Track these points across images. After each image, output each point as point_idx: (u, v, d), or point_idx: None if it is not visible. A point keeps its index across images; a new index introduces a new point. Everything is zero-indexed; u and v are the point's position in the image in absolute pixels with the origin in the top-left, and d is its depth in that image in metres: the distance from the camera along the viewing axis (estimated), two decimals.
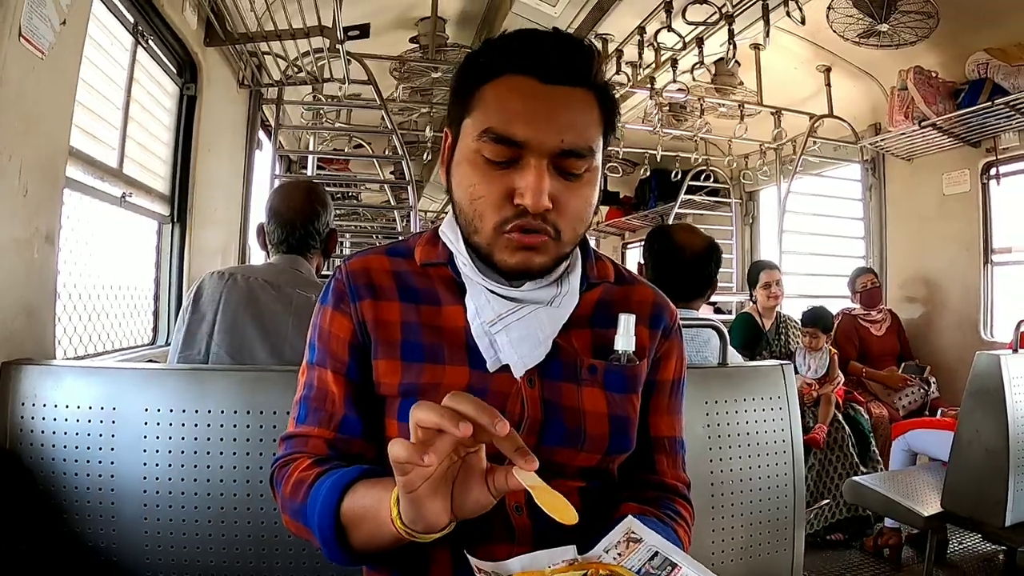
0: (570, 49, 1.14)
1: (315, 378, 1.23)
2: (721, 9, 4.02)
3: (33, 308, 1.98)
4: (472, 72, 1.17)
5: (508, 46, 1.15)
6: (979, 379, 3.08)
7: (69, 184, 2.30)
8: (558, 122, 1.11)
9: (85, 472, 1.73)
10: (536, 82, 1.11)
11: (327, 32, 3.61)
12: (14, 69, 1.82)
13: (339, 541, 1.03)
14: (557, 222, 1.13)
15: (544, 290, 1.21)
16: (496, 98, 1.13)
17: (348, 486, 1.03)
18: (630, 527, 1.10)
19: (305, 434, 1.20)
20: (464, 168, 1.16)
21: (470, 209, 1.15)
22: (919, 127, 5.07)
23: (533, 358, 1.18)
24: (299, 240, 2.44)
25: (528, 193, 1.08)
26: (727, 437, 2.00)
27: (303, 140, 6.89)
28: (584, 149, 1.12)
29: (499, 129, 1.10)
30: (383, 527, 0.96)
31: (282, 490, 1.14)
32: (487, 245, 1.16)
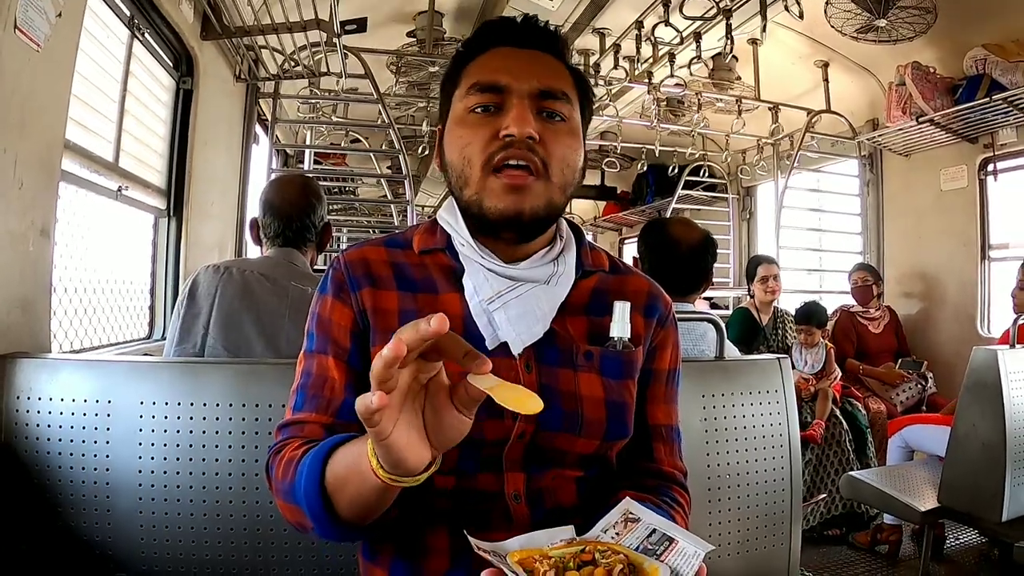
0: (539, 26, 1.30)
1: (314, 365, 1.22)
2: (719, 4, 4.02)
3: (29, 302, 1.98)
4: (458, 61, 1.30)
5: (486, 28, 1.32)
6: (976, 374, 3.09)
7: (65, 177, 2.29)
8: (535, 69, 1.23)
9: (80, 465, 1.73)
10: (512, 48, 1.26)
11: (324, 26, 3.60)
12: (9, 62, 1.81)
13: (327, 511, 1.01)
14: (544, 157, 1.18)
15: (541, 268, 1.24)
16: (479, 64, 1.26)
17: (329, 453, 1.02)
18: (628, 508, 1.12)
19: (302, 420, 1.19)
20: (454, 130, 1.24)
21: (460, 159, 1.21)
22: (917, 123, 5.08)
23: (531, 335, 1.19)
24: (295, 233, 2.45)
25: (513, 123, 1.16)
26: (724, 431, 2.00)
27: (300, 134, 6.88)
28: (560, 92, 1.23)
29: (483, 80, 1.22)
30: (367, 481, 0.93)
31: (274, 474, 1.14)
32: (476, 194, 1.20)
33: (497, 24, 1.31)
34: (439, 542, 1.17)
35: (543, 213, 1.20)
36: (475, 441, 1.06)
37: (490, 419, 1.13)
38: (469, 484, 1.17)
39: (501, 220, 1.19)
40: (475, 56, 1.28)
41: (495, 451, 1.16)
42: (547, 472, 1.20)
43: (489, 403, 0.97)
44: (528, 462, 1.18)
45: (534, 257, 1.26)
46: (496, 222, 1.19)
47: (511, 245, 1.25)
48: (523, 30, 1.28)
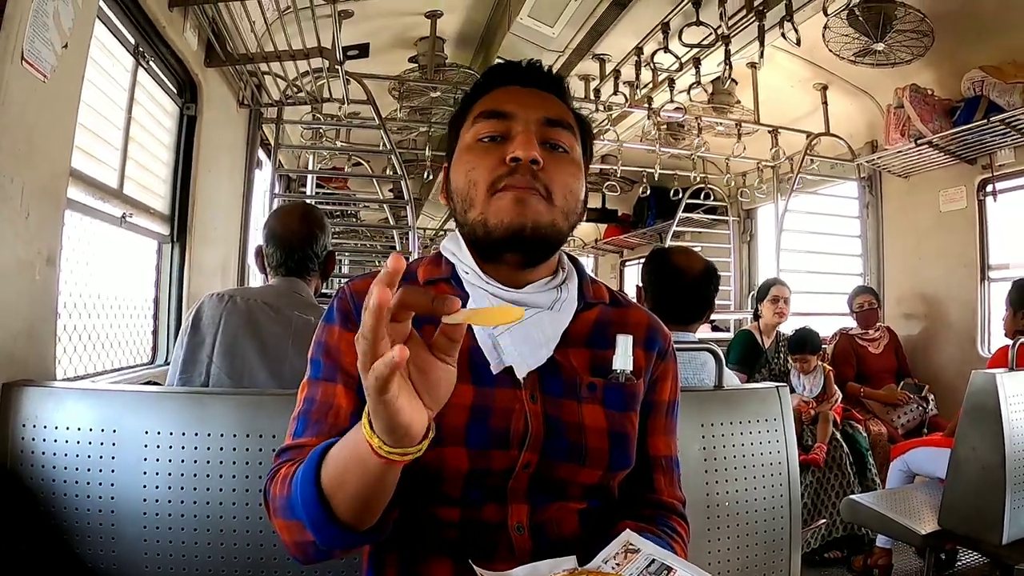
0: (544, 70, 1.36)
1: (319, 392, 1.21)
2: (717, 31, 4.05)
3: (34, 330, 1.99)
4: (465, 101, 1.35)
5: (492, 72, 1.37)
6: (975, 397, 3.09)
7: (70, 205, 2.30)
8: (539, 102, 1.28)
9: (86, 494, 1.73)
10: (519, 88, 1.31)
11: (326, 53, 3.64)
12: (17, 92, 1.83)
13: (326, 513, 0.99)
14: (547, 183, 1.21)
15: (545, 294, 1.26)
16: (487, 98, 1.30)
17: (322, 456, 1.01)
18: (628, 539, 1.14)
19: (303, 445, 1.18)
20: (461, 157, 1.27)
21: (466, 183, 1.24)
22: (915, 145, 5.10)
23: (535, 360, 1.21)
24: (297, 263, 2.46)
25: (518, 147, 1.19)
26: (723, 459, 2.00)
27: (302, 159, 6.89)
28: (564, 122, 1.28)
29: (490, 108, 1.27)
30: (367, 466, 0.93)
31: (271, 494, 1.13)
32: (481, 214, 1.22)
33: (503, 66, 1.36)
34: (443, 573, 1.17)
35: (546, 231, 1.22)
36: (481, 471, 1.08)
37: (496, 449, 1.15)
38: (474, 515, 1.18)
39: (506, 235, 1.20)
40: (481, 95, 1.32)
41: (500, 482, 1.17)
42: (551, 504, 1.21)
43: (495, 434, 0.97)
44: (532, 493, 1.19)
45: (537, 283, 1.28)
46: (501, 239, 1.20)
47: (515, 270, 1.26)
48: (527, 72, 1.33)
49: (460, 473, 1.13)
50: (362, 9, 4.49)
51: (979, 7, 4.29)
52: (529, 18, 4.56)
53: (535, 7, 4.42)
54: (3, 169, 1.78)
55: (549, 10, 4.49)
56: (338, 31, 3.57)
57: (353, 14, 4.39)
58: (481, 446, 1.14)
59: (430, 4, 4.77)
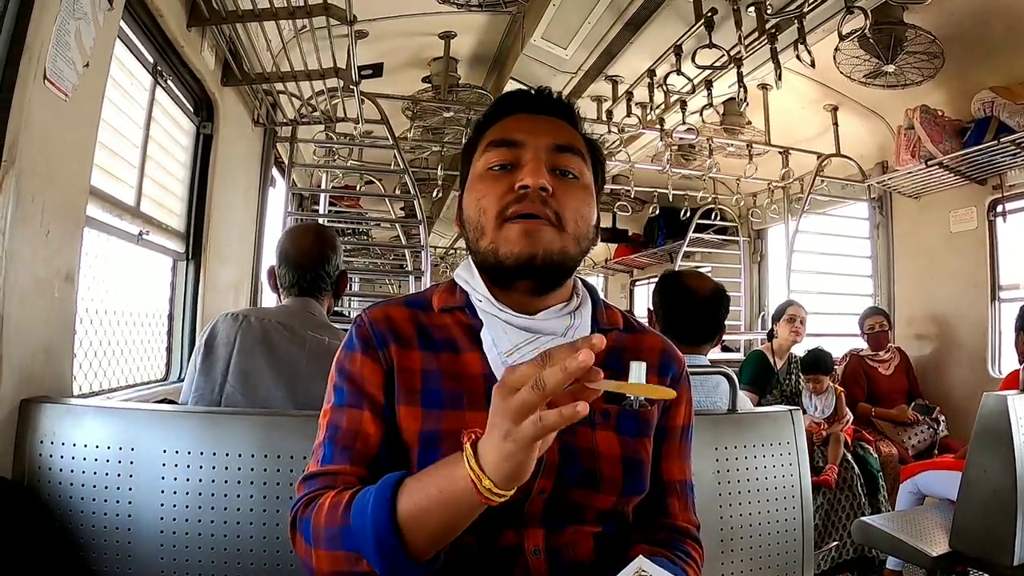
0: (554, 97, 1.38)
1: (343, 419, 1.22)
2: (730, 52, 4.07)
3: (52, 347, 2.00)
4: (478, 128, 1.37)
5: (503, 100, 1.39)
6: (986, 420, 3.08)
7: (88, 223, 2.31)
8: (549, 129, 1.30)
9: (102, 511, 1.75)
10: (528, 114, 1.34)
11: (342, 74, 3.66)
12: (39, 112, 1.85)
13: (401, 545, 1.00)
14: (557, 209, 1.22)
15: (558, 320, 1.27)
16: (497, 127, 1.33)
17: (398, 484, 1.03)
18: (640, 566, 1.13)
19: (334, 472, 1.18)
20: (473, 186, 1.29)
21: (476, 211, 1.26)
22: (926, 166, 5.10)
23: None
24: (310, 283, 2.48)
25: (527, 174, 1.21)
26: (736, 482, 2.02)
27: (315, 177, 6.94)
28: (574, 148, 1.28)
29: (499, 137, 1.29)
30: (462, 501, 0.96)
31: (313, 523, 1.11)
32: (492, 242, 1.23)
33: (513, 94, 1.38)
34: None
35: (557, 258, 1.23)
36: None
37: None
38: (491, 540, 1.19)
39: (516, 265, 1.21)
40: (492, 124, 1.34)
41: (516, 507, 1.18)
42: (566, 528, 1.22)
43: None
44: (548, 517, 1.20)
45: (550, 310, 1.29)
46: (512, 268, 1.22)
47: (528, 297, 1.28)
48: (538, 99, 1.35)
49: None
50: (377, 29, 4.52)
51: (989, 29, 4.30)
52: (542, 40, 4.59)
53: (548, 29, 4.45)
54: (25, 188, 1.80)
55: (562, 32, 4.51)
56: (353, 52, 3.60)
57: (368, 34, 4.43)
58: None
59: (444, 25, 4.80)
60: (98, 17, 2.10)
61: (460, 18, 4.58)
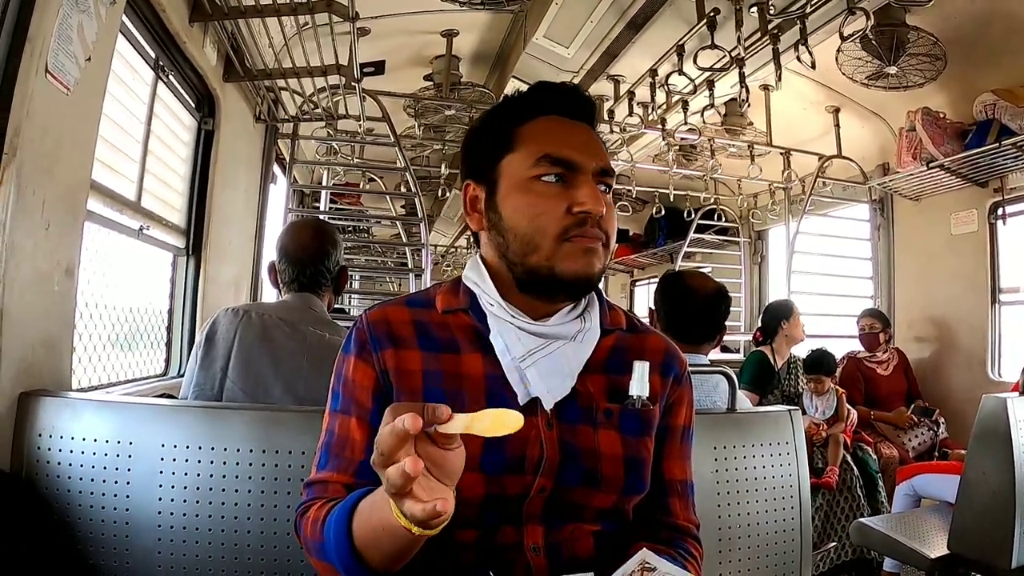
0: (583, 97, 1.36)
1: (336, 425, 1.25)
2: (731, 53, 4.06)
3: (52, 340, 2.01)
4: (505, 119, 1.32)
5: (536, 94, 1.34)
6: (985, 422, 3.07)
7: (89, 217, 2.32)
8: (593, 148, 1.30)
9: (100, 505, 1.76)
10: (566, 119, 1.31)
11: (344, 70, 3.66)
12: (40, 105, 1.85)
13: (362, 567, 1.05)
14: (607, 229, 1.25)
15: (568, 325, 1.28)
16: (543, 131, 1.29)
17: (351, 513, 1.06)
18: (644, 559, 1.14)
19: (325, 480, 1.23)
20: (518, 196, 1.26)
21: (530, 228, 1.23)
22: (927, 168, 5.09)
23: (561, 391, 1.23)
24: (310, 278, 2.47)
25: (589, 201, 1.21)
26: (736, 482, 2.02)
27: (316, 174, 6.94)
28: (610, 169, 1.31)
29: (556, 153, 1.25)
30: (399, 536, 0.97)
31: (304, 534, 1.18)
32: (548, 259, 1.22)
33: (553, 91, 1.34)
34: None
35: (599, 277, 1.27)
36: (497, 496, 1.10)
37: (511, 475, 1.17)
38: (490, 537, 1.20)
39: (573, 282, 1.23)
40: (526, 119, 1.31)
41: (516, 505, 1.19)
42: (566, 525, 1.23)
43: (509, 461, 0.99)
44: (547, 515, 1.21)
45: (560, 313, 1.30)
46: (567, 284, 1.23)
47: (540, 302, 1.28)
48: (575, 101, 1.33)
49: (476, 498, 1.15)
50: (379, 27, 4.52)
51: (991, 31, 4.30)
52: (545, 39, 4.58)
53: (551, 28, 4.45)
54: (26, 181, 1.80)
55: (565, 31, 4.51)
56: (356, 49, 3.60)
57: (370, 31, 4.43)
58: (496, 472, 1.16)
59: (446, 23, 4.80)
60: (100, 11, 2.10)
61: (462, 16, 4.57)
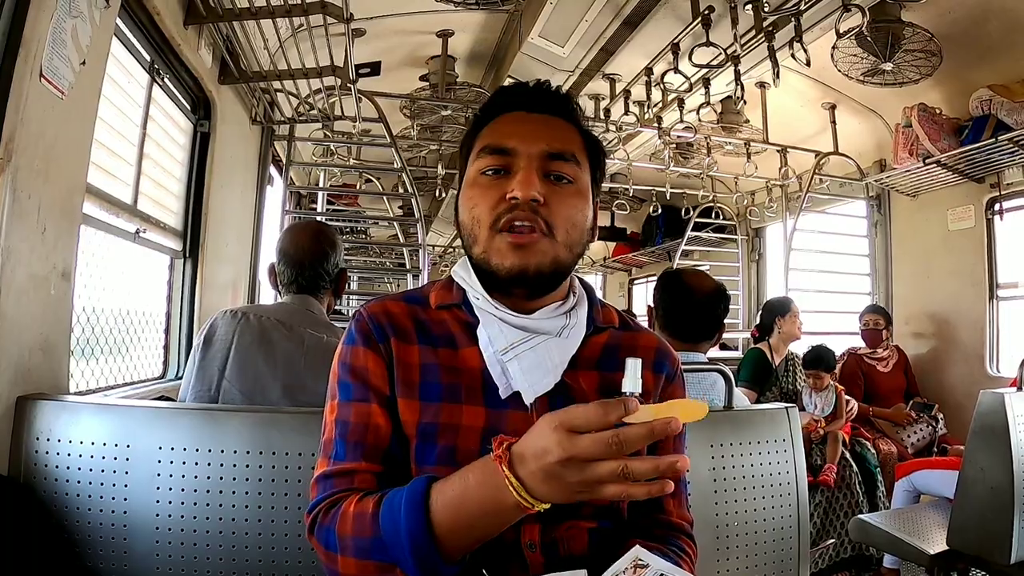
0: (552, 91, 1.35)
1: (352, 413, 1.23)
2: (727, 50, 4.06)
3: (49, 344, 2.00)
4: (474, 126, 1.35)
5: (500, 94, 1.38)
6: (983, 418, 3.08)
7: (85, 220, 2.32)
8: (543, 133, 1.28)
9: (99, 508, 1.75)
10: (524, 112, 1.31)
11: (339, 71, 3.66)
12: (35, 109, 1.85)
13: (440, 555, 1.04)
14: (548, 218, 1.22)
15: (553, 320, 1.28)
16: (491, 128, 1.32)
17: (426, 493, 1.06)
18: (637, 555, 1.14)
19: (350, 470, 1.20)
20: (466, 191, 1.29)
21: (469, 219, 1.26)
22: (924, 164, 5.09)
23: (543, 386, 1.22)
24: (309, 280, 2.48)
25: (517, 185, 1.20)
26: (733, 479, 2.02)
27: (313, 175, 6.94)
28: (568, 154, 1.27)
29: (494, 143, 1.27)
30: (510, 513, 1.02)
31: (338, 531, 1.12)
32: (484, 252, 1.24)
33: (510, 90, 1.36)
34: None
35: (548, 270, 1.24)
36: None
37: None
38: None
39: (508, 277, 1.22)
40: (489, 121, 1.33)
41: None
42: (562, 522, 1.23)
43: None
44: (543, 513, 1.20)
45: (546, 309, 1.30)
46: (504, 279, 1.23)
47: (519, 298, 1.29)
48: (534, 95, 1.33)
49: None
50: (374, 28, 4.53)
51: (987, 27, 4.30)
52: (540, 38, 4.58)
53: (546, 27, 4.45)
54: (21, 185, 1.80)
55: (560, 30, 4.51)
56: (351, 50, 3.60)
57: (365, 32, 4.43)
58: None
59: (442, 23, 4.80)
60: (94, 15, 2.10)
61: (458, 16, 4.58)
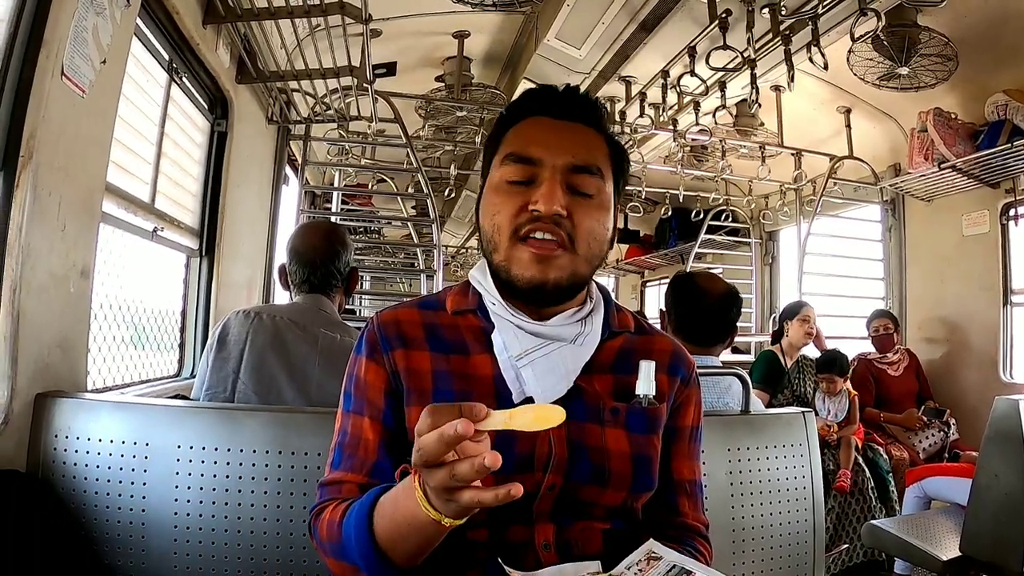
0: (579, 96, 1.32)
1: (349, 425, 1.27)
2: (743, 54, 4.06)
3: (67, 341, 2.02)
4: (499, 125, 1.32)
5: (527, 97, 1.34)
6: (998, 424, 3.05)
7: (104, 219, 2.32)
8: (569, 143, 1.25)
9: (116, 506, 1.77)
10: (550, 119, 1.29)
11: (356, 72, 3.67)
12: (56, 108, 1.86)
13: (386, 565, 1.06)
14: (570, 231, 1.21)
15: (569, 327, 1.28)
16: (517, 133, 1.30)
17: (371, 509, 1.07)
18: (651, 548, 1.16)
19: (339, 480, 1.24)
20: (489, 196, 1.27)
21: (490, 226, 1.25)
22: (939, 169, 5.08)
23: (556, 392, 1.23)
24: (320, 279, 2.49)
25: (541, 198, 1.19)
26: (749, 483, 2.02)
27: (328, 175, 6.96)
28: (592, 167, 1.25)
29: (517, 151, 1.25)
30: (429, 530, 0.99)
31: (320, 535, 1.19)
32: (504, 261, 1.23)
33: (537, 93, 1.33)
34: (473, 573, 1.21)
35: (566, 283, 1.24)
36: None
37: (520, 474, 1.17)
38: (501, 535, 1.21)
39: (527, 288, 1.22)
40: (515, 122, 1.31)
41: (526, 503, 1.19)
42: (576, 523, 1.24)
43: (518, 459, 1.00)
44: (557, 513, 1.22)
45: (562, 315, 1.30)
46: (522, 290, 1.23)
47: (539, 306, 1.29)
48: (562, 101, 1.30)
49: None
50: (391, 28, 4.53)
51: (1003, 32, 4.28)
52: (556, 40, 4.59)
53: (562, 29, 4.45)
54: (41, 183, 1.82)
55: (576, 32, 4.52)
56: (368, 50, 3.61)
57: (382, 33, 4.44)
58: (506, 471, 1.15)
59: (458, 24, 4.81)
60: (115, 14, 2.11)
61: (474, 18, 4.59)
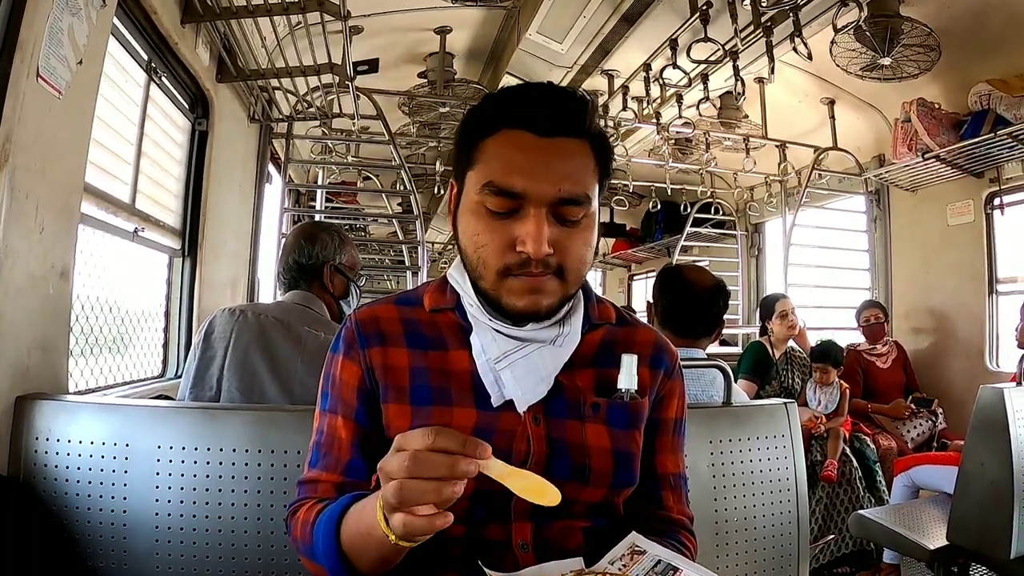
0: (563, 102, 1.19)
1: (326, 424, 1.27)
2: (725, 46, 4.06)
3: (48, 343, 2.00)
4: (473, 127, 1.22)
5: (505, 101, 1.21)
6: (983, 413, 3.07)
7: (83, 220, 2.31)
8: (555, 172, 1.15)
9: (98, 507, 1.75)
10: (532, 136, 1.16)
11: (337, 69, 3.66)
12: (32, 109, 1.84)
13: (349, 569, 1.07)
14: (560, 264, 1.17)
15: (547, 330, 1.25)
16: (495, 153, 1.18)
17: (340, 518, 1.08)
18: (634, 541, 1.16)
19: (315, 479, 1.25)
20: (468, 218, 1.21)
21: (475, 257, 1.20)
22: (923, 159, 5.09)
23: (535, 394, 1.22)
24: (289, 276, 2.51)
25: (529, 241, 1.13)
26: (732, 475, 2.02)
27: (312, 173, 6.94)
28: (581, 197, 1.16)
29: (499, 182, 1.15)
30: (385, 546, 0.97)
31: (293, 534, 1.20)
32: (493, 291, 1.20)
33: (518, 100, 1.20)
34: None
35: (557, 306, 1.22)
36: (484, 492, 1.08)
37: None
38: (478, 533, 1.20)
39: (522, 315, 1.20)
40: (490, 132, 1.19)
41: (503, 501, 1.18)
42: (555, 522, 1.22)
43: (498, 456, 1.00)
44: (536, 512, 1.19)
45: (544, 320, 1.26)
46: (516, 315, 1.21)
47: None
48: (545, 114, 1.16)
49: (464, 494, 1.13)
50: (371, 25, 4.52)
51: (986, 22, 4.29)
52: (538, 34, 4.59)
53: (544, 24, 4.45)
54: (18, 185, 1.79)
55: (558, 26, 4.52)
56: (348, 47, 3.59)
57: (363, 30, 4.43)
58: None
59: (439, 20, 4.80)
60: (91, 14, 2.09)
61: (455, 13, 4.58)
